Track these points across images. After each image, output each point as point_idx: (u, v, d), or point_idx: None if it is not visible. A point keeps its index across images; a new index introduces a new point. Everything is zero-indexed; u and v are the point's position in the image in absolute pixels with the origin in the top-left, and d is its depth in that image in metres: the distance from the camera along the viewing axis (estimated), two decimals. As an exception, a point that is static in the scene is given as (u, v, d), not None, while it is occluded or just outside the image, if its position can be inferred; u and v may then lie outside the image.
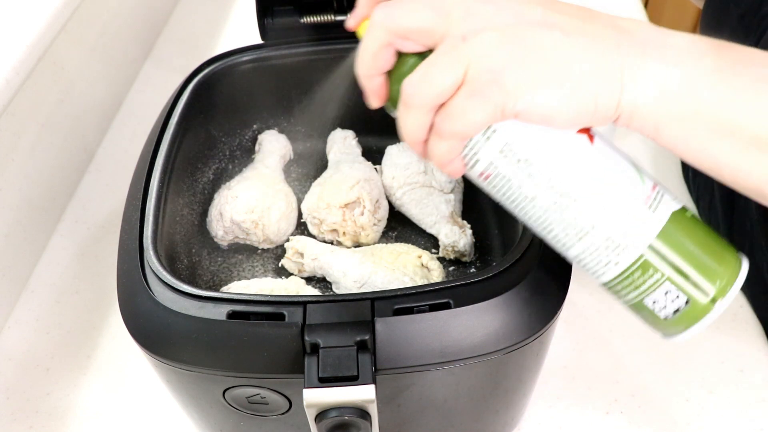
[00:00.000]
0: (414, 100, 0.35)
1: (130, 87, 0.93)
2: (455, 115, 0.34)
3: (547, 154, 0.36)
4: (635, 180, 0.37)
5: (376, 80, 0.38)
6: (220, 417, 0.47)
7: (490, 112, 0.34)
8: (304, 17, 0.62)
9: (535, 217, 0.38)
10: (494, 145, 0.36)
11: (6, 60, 0.62)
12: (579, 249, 0.38)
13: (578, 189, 0.36)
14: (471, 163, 0.38)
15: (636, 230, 0.36)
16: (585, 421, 0.57)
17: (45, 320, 0.66)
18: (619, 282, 0.38)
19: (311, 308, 0.41)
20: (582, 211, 0.36)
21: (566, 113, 0.34)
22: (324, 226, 0.59)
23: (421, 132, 0.36)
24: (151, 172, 0.51)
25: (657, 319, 0.38)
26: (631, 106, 0.34)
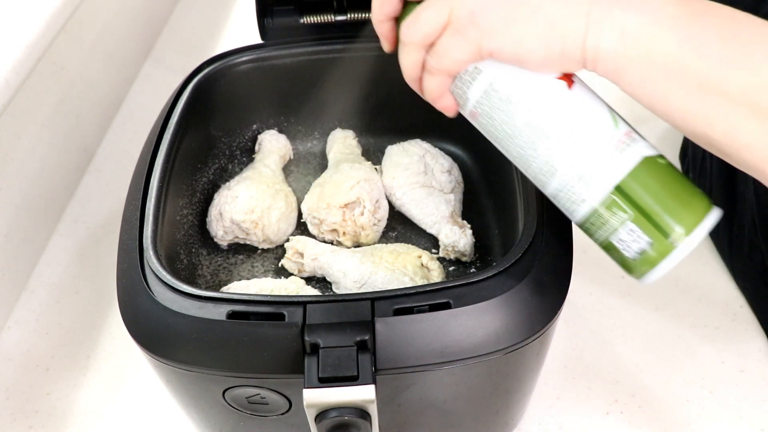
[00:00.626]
0: (407, 38, 0.41)
1: (130, 87, 0.93)
2: (440, 52, 0.40)
3: (526, 95, 0.40)
4: (608, 124, 0.40)
5: (386, 25, 0.44)
6: (220, 417, 0.47)
7: (469, 51, 0.39)
8: (304, 17, 0.62)
9: (516, 154, 0.42)
10: (480, 85, 0.40)
11: (6, 60, 0.62)
12: (553, 186, 0.41)
13: (551, 128, 0.40)
14: (462, 102, 0.42)
15: (603, 171, 0.39)
16: (585, 421, 0.57)
17: (45, 320, 0.66)
18: (588, 220, 0.41)
19: (311, 308, 0.41)
20: (555, 150, 0.40)
21: (536, 54, 0.38)
22: (324, 226, 0.59)
23: (415, 68, 0.42)
24: (151, 172, 0.51)
25: (625, 259, 0.40)
26: (594, 49, 0.37)
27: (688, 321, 0.63)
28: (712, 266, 0.67)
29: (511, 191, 0.52)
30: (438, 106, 0.43)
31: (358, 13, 0.62)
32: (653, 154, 0.40)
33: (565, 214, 0.42)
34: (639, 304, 0.65)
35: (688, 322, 0.63)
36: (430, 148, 0.65)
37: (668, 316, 0.64)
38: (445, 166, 0.64)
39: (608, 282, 0.66)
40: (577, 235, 0.46)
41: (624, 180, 0.39)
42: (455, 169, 0.65)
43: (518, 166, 0.43)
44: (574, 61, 0.38)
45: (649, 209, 0.39)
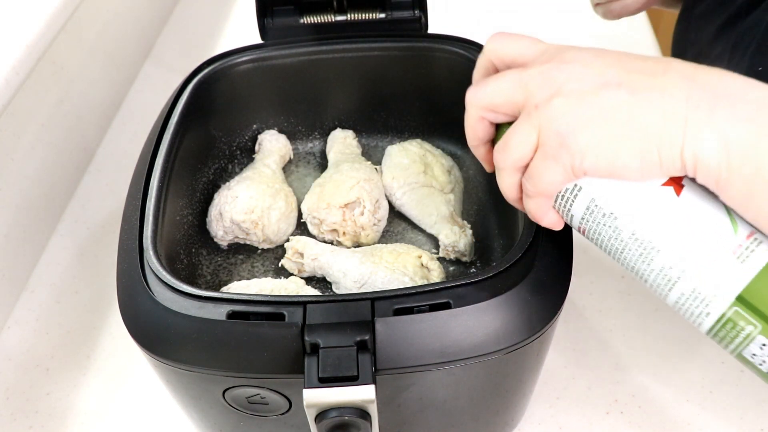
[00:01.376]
0: (500, 164, 0.40)
1: (130, 87, 0.93)
2: (534, 176, 0.38)
3: (630, 208, 0.37)
4: (725, 230, 0.36)
5: (482, 149, 0.44)
6: (220, 417, 0.47)
7: (562, 172, 0.37)
8: (304, 17, 0.62)
9: (630, 267, 0.39)
10: (582, 202, 0.39)
11: (6, 60, 0.62)
12: (673, 299, 0.38)
13: (661, 241, 0.37)
14: (568, 219, 0.41)
15: (721, 282, 0.36)
16: (585, 421, 0.57)
17: (45, 320, 0.66)
18: (715, 334, 0.38)
19: (311, 308, 0.41)
20: (667, 263, 0.37)
21: (632, 166, 0.36)
22: (324, 226, 0.59)
23: (513, 191, 0.41)
24: (151, 172, 0.51)
25: (762, 374, 0.37)
26: (693, 159, 0.34)
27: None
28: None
29: (511, 191, 0.52)
30: (543, 224, 0.42)
31: (358, 13, 0.62)
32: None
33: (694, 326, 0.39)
34: (639, 304, 0.65)
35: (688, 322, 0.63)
36: (430, 148, 0.65)
37: (668, 316, 0.64)
38: (445, 166, 0.64)
39: (608, 282, 0.66)
40: (577, 235, 0.46)
41: (746, 290, 0.35)
42: (455, 169, 0.65)
43: (637, 278, 0.40)
44: (674, 170, 0.35)
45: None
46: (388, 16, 0.62)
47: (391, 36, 0.63)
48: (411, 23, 0.62)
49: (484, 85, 0.41)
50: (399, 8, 0.62)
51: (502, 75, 0.40)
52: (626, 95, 0.35)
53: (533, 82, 0.38)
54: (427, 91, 0.65)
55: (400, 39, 0.62)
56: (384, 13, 0.62)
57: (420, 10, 0.62)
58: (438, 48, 0.61)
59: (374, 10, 0.62)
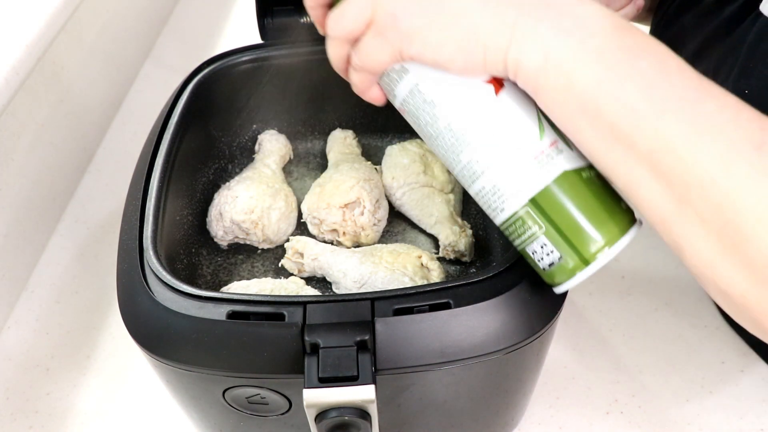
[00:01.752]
0: (332, 32, 0.40)
1: (130, 87, 0.93)
2: (362, 51, 0.39)
3: (449, 100, 0.39)
4: (532, 135, 0.38)
5: (318, 11, 0.43)
6: (220, 417, 0.47)
7: (390, 53, 0.38)
8: (304, 17, 0.62)
9: (440, 155, 0.41)
10: (406, 85, 0.40)
11: (6, 60, 0.62)
12: (474, 190, 0.41)
13: (472, 135, 0.39)
14: (390, 97, 0.42)
15: (519, 183, 0.39)
16: (585, 421, 0.57)
17: (45, 320, 0.66)
18: (505, 228, 0.41)
19: (311, 308, 0.41)
20: (474, 157, 0.39)
21: (457, 61, 0.37)
22: (324, 226, 0.59)
23: (340, 61, 0.42)
24: (151, 172, 0.51)
25: (538, 269, 0.41)
26: (515, 64, 0.36)
27: (688, 321, 0.63)
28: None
29: (511, 191, 0.52)
30: (365, 98, 0.43)
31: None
32: (577, 167, 0.38)
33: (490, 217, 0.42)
34: (639, 304, 0.65)
35: (688, 322, 0.63)
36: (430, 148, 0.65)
37: (668, 316, 0.64)
38: (445, 166, 0.64)
39: (608, 282, 0.66)
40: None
41: (539, 194, 0.38)
42: (455, 169, 0.65)
43: (445, 164, 0.42)
44: (497, 71, 0.37)
45: (561, 226, 0.38)
46: (388, 16, 0.62)
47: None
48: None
49: None
50: (399, 8, 0.62)
51: None
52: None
53: None
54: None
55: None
56: (384, 13, 0.62)
57: (420, 10, 0.62)
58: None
59: (374, 10, 0.62)
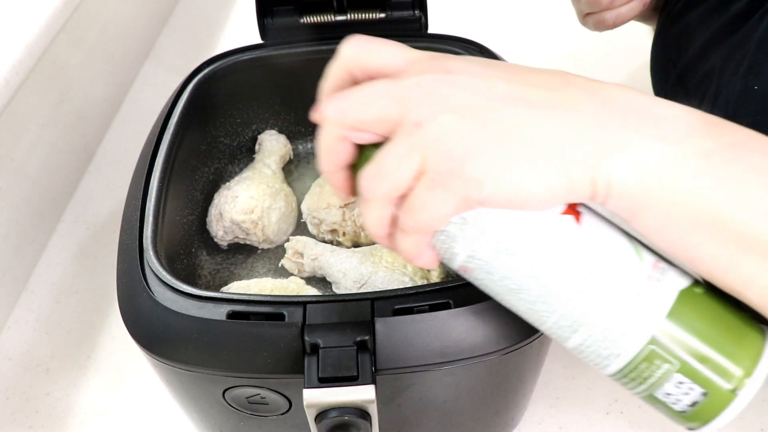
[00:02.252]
0: (370, 193, 0.33)
1: (130, 87, 0.93)
2: (416, 208, 0.32)
3: (527, 241, 0.32)
4: (631, 260, 0.33)
5: (339, 175, 0.36)
6: (220, 417, 0.47)
7: (453, 204, 0.31)
8: (304, 17, 0.62)
9: (524, 310, 0.35)
10: (469, 237, 0.33)
11: (6, 60, 0.62)
12: (576, 341, 0.34)
13: (565, 277, 0.32)
14: (448, 257, 0.35)
15: (635, 318, 0.32)
16: (585, 421, 0.57)
17: (45, 320, 0.66)
18: (625, 375, 0.34)
19: (311, 308, 0.41)
20: (571, 301, 0.33)
21: (537, 195, 0.31)
22: (324, 226, 0.59)
23: (382, 226, 0.34)
24: (151, 172, 0.51)
25: (674, 413, 0.34)
26: (605, 184, 0.31)
27: (688, 321, 0.63)
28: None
29: (511, 191, 0.52)
30: (416, 264, 0.35)
31: (358, 13, 0.62)
32: (689, 284, 0.33)
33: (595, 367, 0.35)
34: (639, 304, 0.64)
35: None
36: (430, 148, 0.65)
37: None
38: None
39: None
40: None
41: (662, 324, 0.32)
42: (455, 169, 0.65)
43: (530, 322, 0.35)
44: (582, 197, 0.31)
45: (698, 354, 0.32)
46: (388, 16, 0.62)
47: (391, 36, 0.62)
48: (411, 23, 0.62)
49: (346, 98, 0.34)
50: (399, 8, 0.62)
51: (368, 86, 0.34)
52: (526, 112, 0.31)
53: (411, 95, 0.32)
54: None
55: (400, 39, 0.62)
56: (384, 13, 0.62)
57: (420, 10, 0.62)
58: (438, 48, 0.61)
59: (374, 10, 0.62)
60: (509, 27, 0.98)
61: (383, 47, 0.36)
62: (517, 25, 0.99)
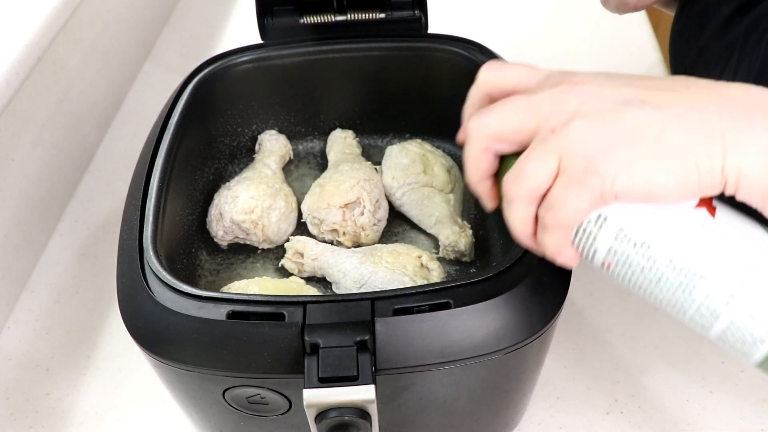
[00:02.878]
0: (513, 195, 0.36)
1: (130, 87, 0.93)
2: (555, 205, 0.35)
3: (665, 234, 0.35)
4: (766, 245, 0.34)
5: (485, 184, 0.40)
6: (220, 417, 0.47)
7: (589, 199, 0.34)
8: (304, 17, 0.62)
9: (666, 301, 0.37)
10: (608, 233, 0.36)
11: (6, 60, 0.62)
12: (719, 329, 0.36)
13: (703, 266, 0.34)
14: (589, 254, 0.37)
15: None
16: (585, 421, 0.57)
17: (45, 320, 0.66)
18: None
19: (311, 308, 0.41)
20: (713, 289, 0.34)
21: (668, 186, 0.33)
22: (324, 226, 0.59)
23: (526, 226, 0.37)
24: (151, 172, 0.51)
25: None
26: (736, 173, 0.33)
27: (688, 321, 0.63)
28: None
29: (511, 191, 0.52)
30: (559, 261, 0.38)
31: (358, 13, 0.62)
32: None
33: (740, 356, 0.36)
34: (639, 304, 0.65)
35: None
36: (430, 148, 0.65)
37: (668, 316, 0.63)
38: (445, 166, 0.64)
39: (608, 282, 0.66)
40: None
41: None
42: (455, 168, 0.65)
43: (671, 314, 0.37)
44: (713, 188, 0.34)
45: None
46: (388, 16, 0.62)
47: (391, 36, 0.63)
48: (411, 23, 0.62)
49: (488, 113, 0.38)
50: (399, 8, 0.62)
51: (507, 101, 0.38)
52: (653, 112, 0.34)
53: (545, 106, 0.36)
54: (427, 91, 0.65)
55: (400, 39, 0.62)
56: (384, 13, 0.62)
57: (420, 10, 0.62)
58: (438, 48, 0.62)
59: (374, 10, 0.62)
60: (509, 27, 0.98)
61: (516, 68, 0.39)
62: (517, 25, 0.99)
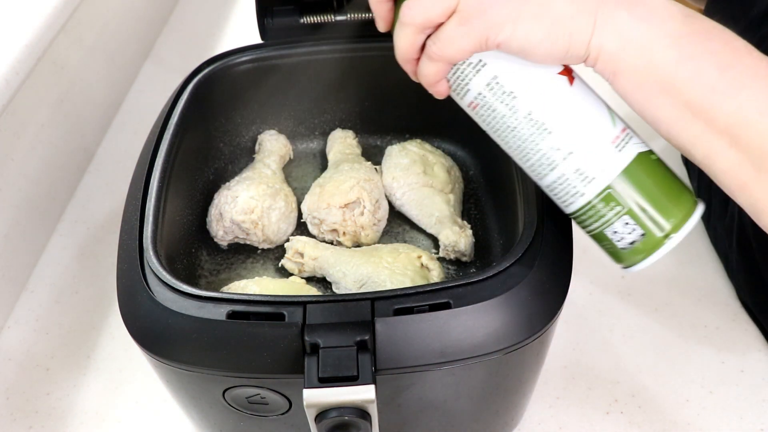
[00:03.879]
0: (408, 19, 0.40)
1: (130, 87, 0.93)
2: (444, 39, 0.39)
3: (530, 90, 0.40)
4: (606, 121, 0.41)
5: (384, 5, 0.43)
6: (220, 417, 0.47)
7: (475, 41, 0.39)
8: (304, 17, 0.62)
9: (515, 147, 0.42)
10: (483, 78, 0.41)
11: (6, 60, 0.62)
12: (551, 178, 0.42)
13: (554, 123, 0.40)
14: (461, 92, 0.42)
15: (602, 165, 0.41)
16: (585, 421, 0.57)
17: (45, 320, 0.66)
18: (584, 212, 0.42)
19: (311, 308, 0.41)
20: (555, 144, 0.41)
21: (543, 47, 0.38)
22: (324, 226, 0.59)
23: (412, 50, 0.41)
24: (151, 172, 0.51)
25: (616, 249, 0.43)
26: (597, 49, 0.38)
27: (688, 321, 0.63)
28: (711, 266, 0.67)
29: (511, 191, 0.52)
30: (431, 90, 0.43)
31: (358, 13, 0.62)
32: (646, 150, 0.41)
33: (558, 205, 0.44)
34: (639, 304, 0.65)
35: (688, 322, 0.63)
36: (430, 148, 0.65)
37: (668, 316, 0.64)
38: (445, 166, 0.64)
39: (608, 282, 0.66)
40: (577, 235, 0.46)
41: (620, 175, 0.41)
42: (455, 168, 0.65)
43: (514, 158, 0.43)
44: (577, 57, 0.39)
45: (644, 203, 0.41)
46: (388, 16, 0.62)
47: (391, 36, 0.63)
48: (411, 23, 0.62)
49: None
50: (399, 8, 0.62)
51: None
52: None
53: None
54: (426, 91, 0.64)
55: (400, 39, 0.62)
56: (384, 13, 0.62)
57: (420, 10, 0.62)
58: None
59: (374, 10, 0.62)
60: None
61: None
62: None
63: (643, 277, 0.66)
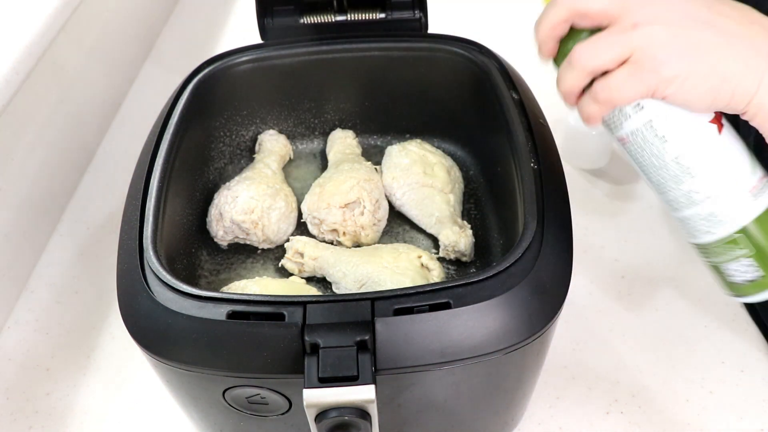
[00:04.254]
0: (581, 63, 0.42)
1: (130, 87, 0.93)
2: (613, 87, 0.41)
3: (682, 136, 0.42)
4: (747, 170, 0.43)
5: (551, 44, 0.45)
6: (220, 417, 0.47)
7: (643, 92, 0.41)
8: (304, 17, 0.62)
9: (656, 181, 0.45)
10: (639, 120, 0.43)
11: (6, 60, 0.62)
12: (684, 214, 0.45)
13: (698, 169, 0.43)
14: (614, 127, 0.45)
15: (736, 212, 0.43)
16: (585, 421, 0.57)
17: (45, 320, 0.66)
18: (708, 248, 0.45)
19: (311, 308, 0.41)
20: (696, 187, 0.43)
21: (705, 101, 0.41)
22: (324, 226, 0.59)
23: (576, 90, 0.43)
24: (151, 172, 0.51)
25: (728, 282, 0.46)
26: (758, 107, 0.40)
27: (688, 321, 0.63)
28: (712, 266, 0.67)
29: (511, 191, 0.52)
30: (588, 124, 0.44)
31: (358, 13, 0.62)
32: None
33: (684, 233, 0.47)
34: (639, 304, 0.65)
35: (688, 322, 0.63)
36: (430, 148, 0.65)
37: (668, 316, 0.64)
38: (445, 166, 0.64)
39: (608, 282, 0.66)
40: (577, 235, 0.46)
41: (752, 223, 0.43)
42: (455, 169, 0.65)
43: (652, 188, 0.46)
44: (734, 111, 0.41)
45: None
46: (388, 16, 0.62)
47: (391, 36, 0.63)
48: (411, 23, 0.62)
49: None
50: (399, 8, 0.62)
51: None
52: (715, 37, 0.40)
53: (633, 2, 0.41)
54: (427, 92, 0.65)
55: (400, 39, 0.62)
56: (384, 13, 0.62)
57: (420, 10, 0.62)
58: (438, 48, 0.61)
59: (374, 10, 0.62)
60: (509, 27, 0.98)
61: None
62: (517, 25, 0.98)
63: (643, 277, 0.67)
